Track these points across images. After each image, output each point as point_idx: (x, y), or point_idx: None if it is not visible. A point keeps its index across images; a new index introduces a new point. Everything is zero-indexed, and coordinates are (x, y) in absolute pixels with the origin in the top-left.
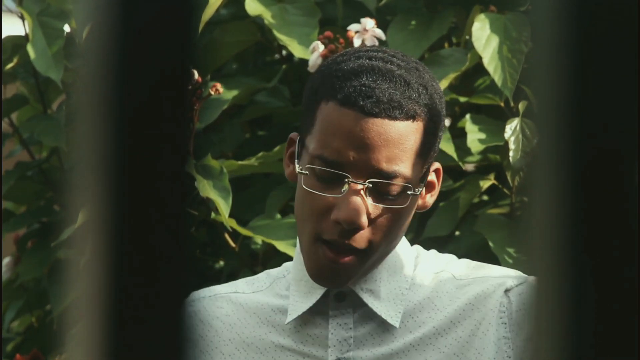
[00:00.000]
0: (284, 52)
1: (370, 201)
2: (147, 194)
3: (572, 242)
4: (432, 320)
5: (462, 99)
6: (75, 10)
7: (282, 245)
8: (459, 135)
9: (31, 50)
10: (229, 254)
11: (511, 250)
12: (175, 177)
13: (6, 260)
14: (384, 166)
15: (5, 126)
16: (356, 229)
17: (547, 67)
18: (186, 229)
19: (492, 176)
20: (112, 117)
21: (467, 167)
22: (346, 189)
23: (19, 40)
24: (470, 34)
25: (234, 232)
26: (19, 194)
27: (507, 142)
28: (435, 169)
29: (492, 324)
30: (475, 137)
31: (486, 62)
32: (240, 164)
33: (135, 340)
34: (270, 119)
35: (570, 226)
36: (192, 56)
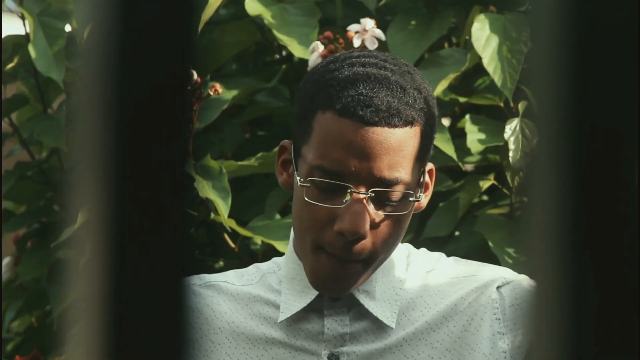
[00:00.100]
0: (284, 52)
1: (372, 209)
2: (146, 194)
3: (572, 242)
4: (424, 316)
5: (462, 99)
6: (75, 10)
7: (282, 245)
8: (458, 135)
9: (32, 50)
10: (228, 254)
11: (511, 250)
12: (174, 178)
13: (6, 260)
14: (386, 174)
15: (5, 126)
16: (359, 239)
17: (546, 67)
18: (186, 229)
19: (491, 176)
20: (112, 117)
21: (467, 168)
22: (348, 199)
23: (20, 40)
24: (469, 34)
25: (233, 232)
26: (19, 194)
27: (506, 143)
28: (428, 170)
29: (485, 319)
30: (475, 137)
31: (486, 62)
32: (239, 164)
33: (135, 340)
34: (270, 119)
35: (570, 226)
36: (192, 56)
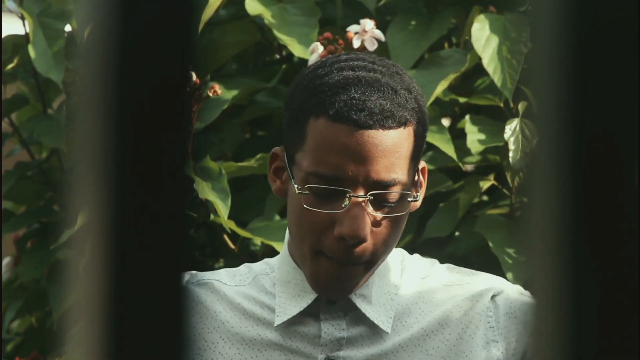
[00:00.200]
0: (284, 52)
1: (371, 212)
2: (146, 194)
3: (572, 242)
4: (420, 323)
5: (462, 100)
6: (75, 10)
7: (281, 246)
8: (458, 135)
9: (32, 50)
10: (228, 255)
11: (511, 250)
12: (174, 178)
13: (6, 260)
14: (384, 176)
15: (5, 126)
16: (360, 242)
17: (546, 68)
18: (185, 230)
19: (491, 177)
20: (112, 118)
21: (467, 168)
22: (347, 203)
23: (20, 40)
24: (469, 35)
25: (233, 233)
26: (19, 194)
27: (506, 143)
28: (421, 168)
29: (480, 327)
30: (474, 137)
31: (486, 62)
32: (239, 165)
33: (135, 341)
34: (270, 119)
35: (570, 226)
36: (192, 57)
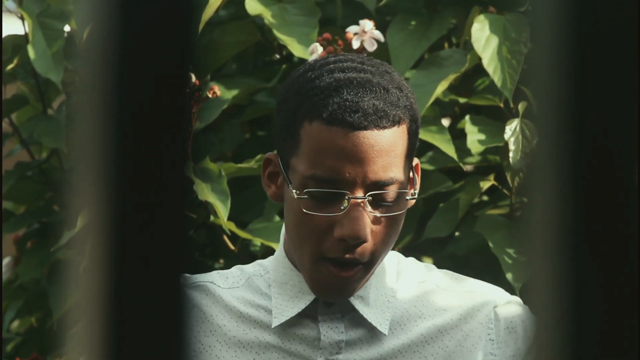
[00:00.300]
0: (284, 52)
1: (370, 212)
2: (146, 195)
3: (572, 243)
4: (419, 328)
5: (462, 100)
6: (75, 11)
7: None
8: (458, 136)
9: (31, 51)
10: (228, 255)
11: (511, 251)
12: (174, 179)
13: (6, 260)
14: (381, 176)
15: (5, 126)
16: (361, 243)
17: (546, 68)
18: (185, 231)
19: (492, 177)
20: (111, 118)
21: (467, 168)
22: (346, 205)
23: (19, 40)
24: (469, 35)
25: (233, 234)
26: (19, 194)
27: (506, 143)
28: (414, 165)
29: (482, 338)
30: (475, 137)
31: (485, 62)
32: (238, 166)
33: (135, 341)
34: (270, 119)
35: (570, 227)
36: (192, 57)
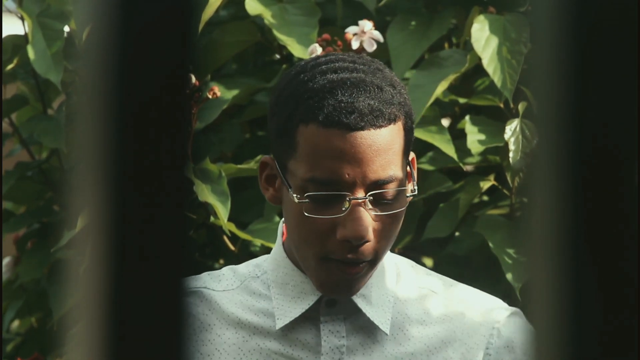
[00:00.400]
0: (284, 52)
1: (371, 211)
2: (146, 195)
3: (572, 243)
4: (422, 336)
5: (462, 100)
6: (75, 11)
7: None
8: (458, 136)
9: (31, 51)
10: (228, 255)
11: (511, 251)
12: (174, 180)
13: (6, 260)
14: (381, 174)
15: (5, 126)
16: (364, 242)
17: (546, 68)
18: (185, 231)
19: (492, 177)
20: (111, 118)
21: (467, 168)
22: (347, 206)
23: (19, 40)
24: (469, 35)
25: (233, 234)
26: (19, 194)
27: (506, 143)
28: (411, 159)
29: (480, 352)
30: (475, 138)
31: (485, 63)
32: (238, 167)
33: (135, 341)
34: None
35: (570, 227)
36: (192, 57)
